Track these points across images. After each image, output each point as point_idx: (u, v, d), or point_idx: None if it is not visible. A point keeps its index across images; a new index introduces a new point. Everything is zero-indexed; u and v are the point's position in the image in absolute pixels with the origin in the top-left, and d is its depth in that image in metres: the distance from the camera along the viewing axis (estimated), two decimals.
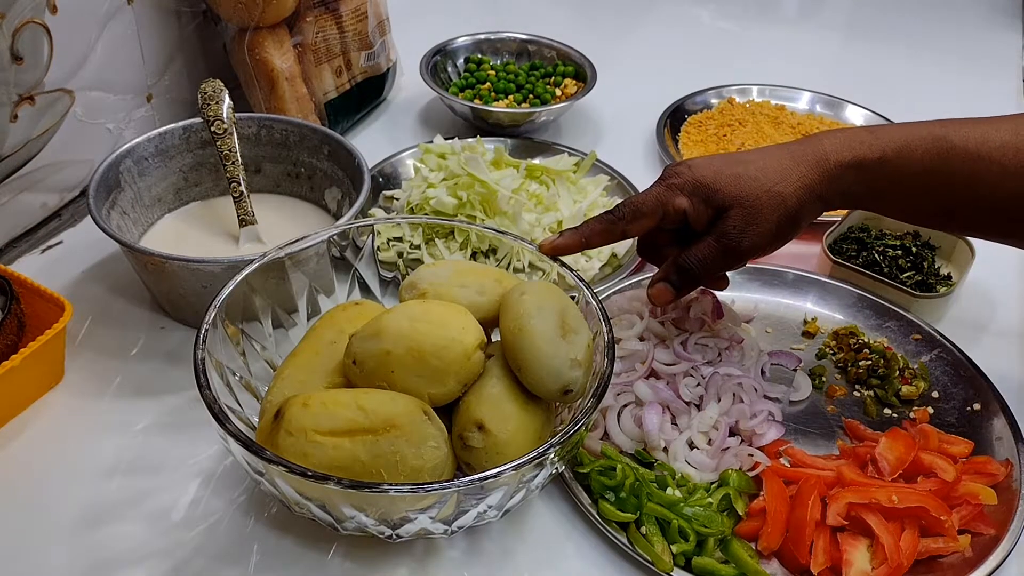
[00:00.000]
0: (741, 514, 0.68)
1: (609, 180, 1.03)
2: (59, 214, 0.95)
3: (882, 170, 0.71)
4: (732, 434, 0.74)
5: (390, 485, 0.55)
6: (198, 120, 0.89)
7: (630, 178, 1.03)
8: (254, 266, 0.70)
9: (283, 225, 0.90)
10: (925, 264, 0.91)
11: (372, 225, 0.77)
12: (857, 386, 0.81)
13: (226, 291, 0.67)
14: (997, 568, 0.65)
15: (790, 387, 0.80)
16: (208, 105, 0.86)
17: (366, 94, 1.15)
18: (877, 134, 0.72)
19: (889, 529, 0.65)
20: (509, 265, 0.86)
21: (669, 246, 0.78)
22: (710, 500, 0.68)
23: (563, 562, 0.67)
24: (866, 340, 0.84)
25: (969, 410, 0.78)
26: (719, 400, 0.75)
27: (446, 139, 1.03)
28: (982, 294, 0.93)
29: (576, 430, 0.60)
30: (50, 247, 0.92)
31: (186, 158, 0.91)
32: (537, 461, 0.58)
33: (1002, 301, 0.93)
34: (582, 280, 0.71)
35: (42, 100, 0.87)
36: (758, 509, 0.68)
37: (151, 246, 0.82)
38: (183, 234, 0.89)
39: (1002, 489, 0.70)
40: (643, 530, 0.66)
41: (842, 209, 0.76)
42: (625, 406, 0.75)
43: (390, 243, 0.92)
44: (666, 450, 0.72)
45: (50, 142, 0.90)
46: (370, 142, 1.13)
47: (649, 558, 0.64)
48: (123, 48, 0.96)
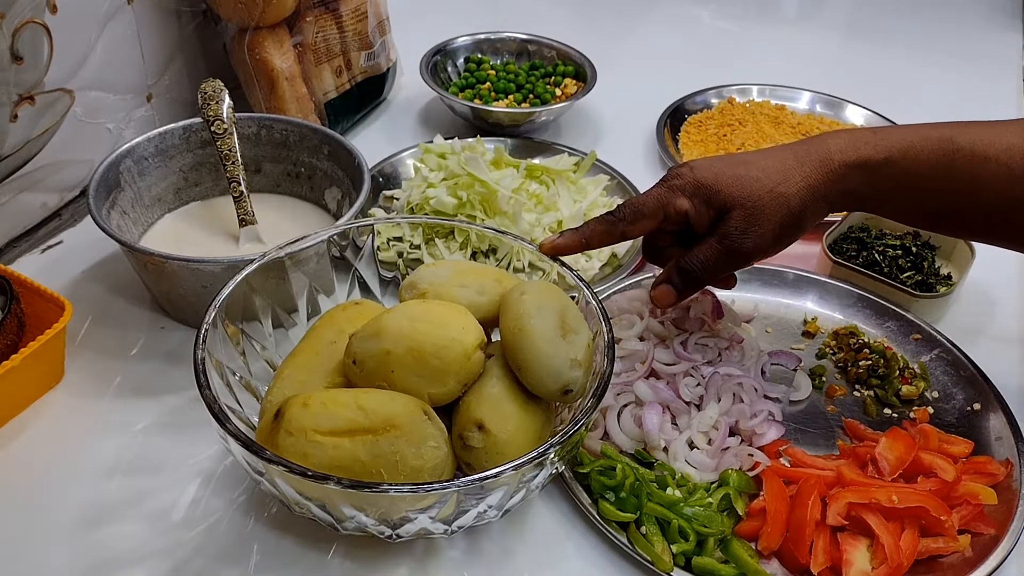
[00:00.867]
0: (741, 514, 0.68)
1: (609, 180, 1.03)
2: (59, 214, 0.95)
3: (887, 171, 0.71)
4: (732, 434, 0.74)
5: (390, 485, 0.55)
6: (198, 120, 0.89)
7: (630, 178, 1.03)
8: (254, 266, 0.70)
9: (283, 225, 0.90)
10: (925, 264, 0.91)
11: (372, 225, 0.77)
12: (857, 386, 0.81)
13: (226, 291, 0.67)
14: (997, 568, 0.65)
15: (790, 387, 0.80)
16: (208, 105, 0.86)
17: (366, 94, 1.15)
18: (882, 135, 0.72)
19: (889, 529, 0.65)
20: (509, 265, 0.86)
21: (672, 247, 0.78)
22: (710, 500, 0.68)
23: (563, 562, 0.67)
24: (866, 340, 0.84)
25: (969, 410, 0.78)
26: (719, 400, 0.75)
27: (446, 139, 1.03)
28: (982, 294, 0.93)
29: (576, 430, 0.60)
30: (50, 247, 0.92)
31: (186, 158, 0.91)
32: (537, 461, 0.58)
33: (1002, 301, 0.93)
34: (582, 280, 0.71)
35: (42, 100, 0.87)
36: (758, 509, 0.68)
37: (151, 246, 0.82)
38: (183, 234, 0.89)
39: (1002, 489, 0.70)
40: (643, 530, 0.66)
41: (846, 211, 0.76)
42: (625, 406, 0.75)
43: (390, 243, 0.92)
44: (666, 450, 0.72)
45: (50, 142, 0.90)
46: (370, 142, 1.13)
47: (649, 558, 0.64)
48: (123, 48, 0.96)
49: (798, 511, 0.66)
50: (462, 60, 1.23)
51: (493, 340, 0.69)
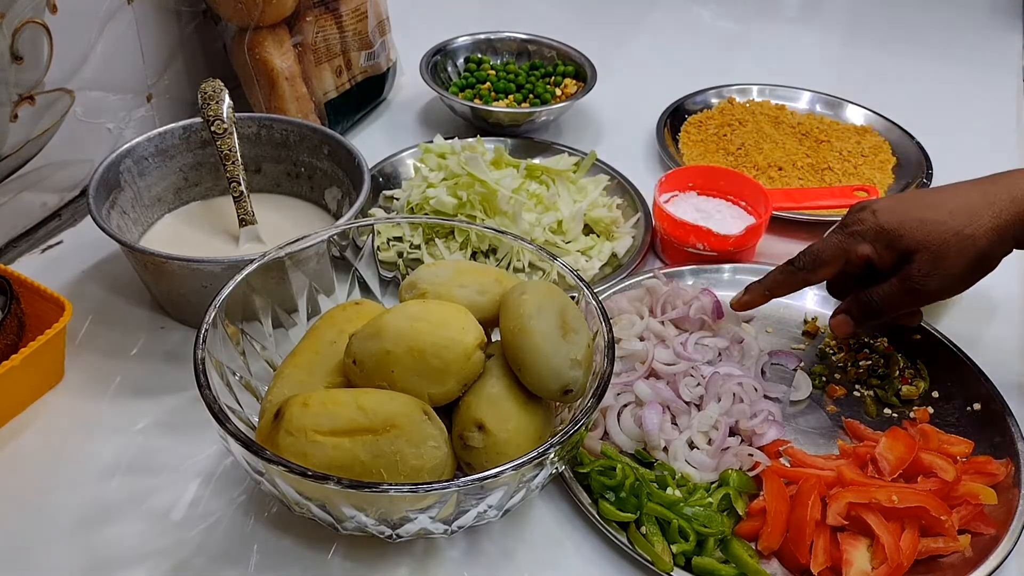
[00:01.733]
0: (741, 514, 0.68)
1: (609, 180, 1.03)
2: (59, 214, 0.95)
3: None
4: (732, 434, 0.74)
5: (390, 485, 0.55)
6: (198, 120, 0.89)
7: (630, 178, 1.03)
8: (254, 266, 0.70)
9: (283, 225, 0.90)
10: None
11: (372, 225, 0.77)
12: (857, 386, 0.81)
13: (226, 291, 0.67)
14: (997, 568, 0.65)
15: (790, 387, 0.80)
16: (208, 105, 0.86)
17: (366, 94, 1.15)
18: None
19: (889, 529, 0.65)
20: (509, 265, 0.86)
21: (855, 285, 0.78)
22: (710, 500, 0.68)
23: (563, 562, 0.67)
24: (866, 340, 0.84)
25: (969, 410, 0.78)
26: (719, 400, 0.75)
27: (446, 139, 1.03)
28: (982, 294, 0.92)
29: (576, 430, 0.60)
30: (50, 247, 0.92)
31: (186, 158, 0.91)
32: (537, 461, 0.58)
33: (1002, 301, 0.93)
34: (582, 280, 0.71)
35: (42, 100, 0.87)
36: (758, 509, 0.68)
37: (151, 246, 0.82)
38: (183, 234, 0.89)
39: (1002, 489, 0.70)
40: (643, 530, 0.66)
41: None
42: (625, 406, 0.75)
43: (390, 243, 0.92)
44: (666, 450, 0.72)
45: (50, 142, 0.90)
46: (370, 142, 1.13)
47: (649, 558, 0.64)
48: (123, 48, 0.96)
49: (798, 511, 0.66)
50: (462, 60, 1.23)
51: (493, 340, 0.69)
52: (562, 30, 1.26)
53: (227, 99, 0.87)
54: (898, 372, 0.81)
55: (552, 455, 0.59)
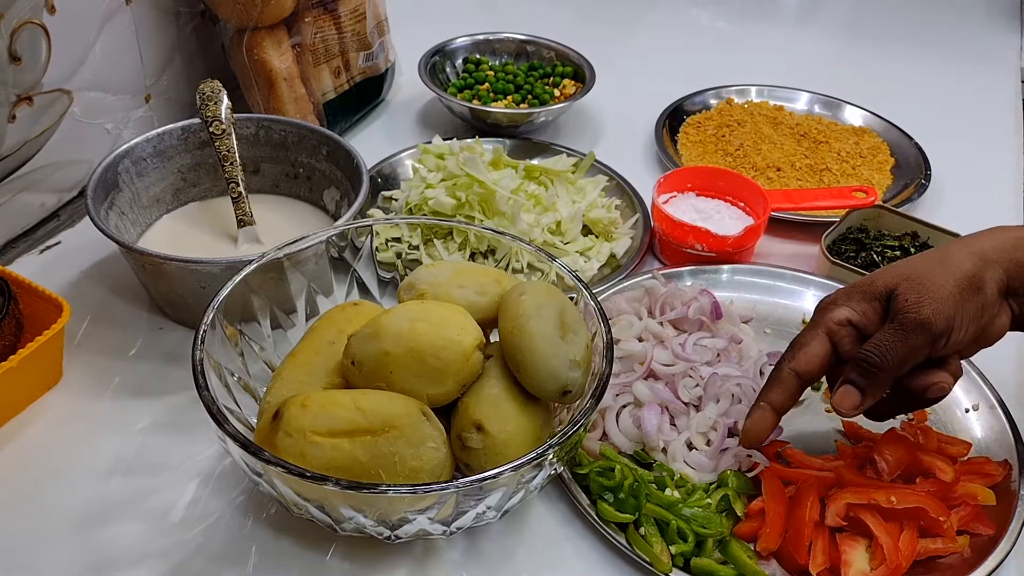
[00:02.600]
0: (740, 515, 0.68)
1: (608, 180, 1.03)
2: (57, 214, 0.95)
3: None
4: (731, 435, 0.74)
5: (389, 486, 0.55)
6: (196, 121, 0.89)
7: (629, 178, 1.03)
8: (253, 267, 0.70)
9: (281, 226, 0.90)
10: None
11: (371, 226, 0.77)
12: None
13: (224, 291, 0.67)
14: (996, 569, 0.65)
15: None
16: (206, 105, 0.86)
17: (365, 94, 1.15)
18: None
19: (888, 530, 0.65)
20: (508, 266, 0.86)
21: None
22: (709, 501, 0.68)
23: (562, 563, 0.67)
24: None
25: (967, 410, 0.78)
26: (718, 401, 0.75)
27: (445, 139, 1.03)
28: None
29: (575, 431, 0.60)
30: (48, 247, 0.92)
31: (184, 159, 0.91)
32: (536, 462, 0.58)
33: None
34: (581, 280, 0.71)
35: (40, 100, 0.87)
36: (757, 510, 0.68)
37: (149, 247, 0.82)
38: (181, 235, 0.89)
39: (1000, 490, 0.70)
40: (642, 531, 0.66)
41: None
42: (624, 407, 0.75)
43: (389, 244, 0.92)
44: (665, 451, 0.72)
45: (48, 142, 0.90)
46: (369, 143, 1.13)
47: (648, 559, 0.64)
48: (121, 48, 0.96)
49: (797, 512, 0.66)
50: (461, 60, 1.23)
51: (492, 341, 0.69)
52: (561, 31, 1.27)
53: (225, 100, 0.87)
54: None
55: (551, 456, 0.59)
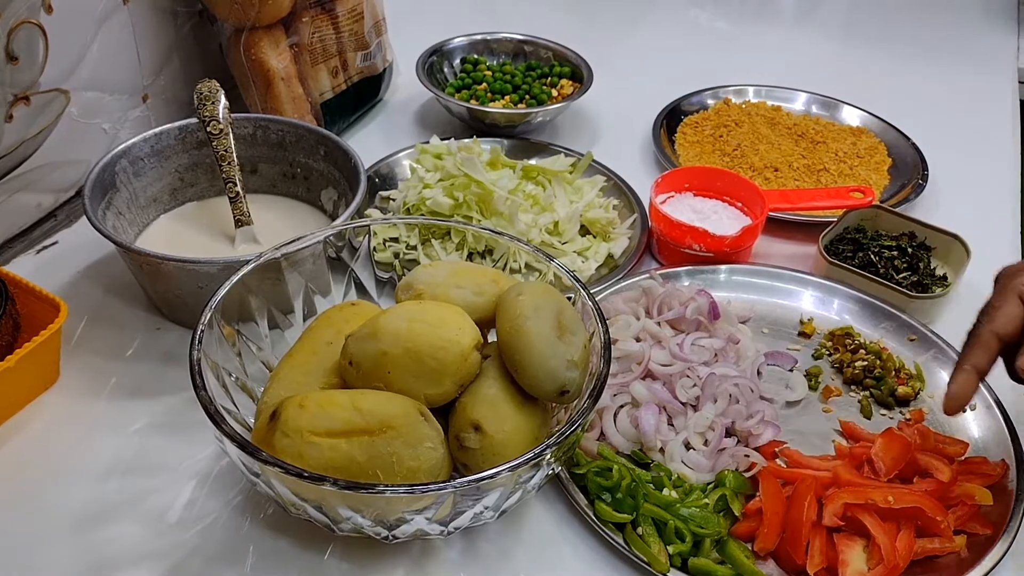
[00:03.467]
0: (737, 515, 0.68)
1: (605, 181, 1.03)
2: (55, 214, 0.95)
3: None
4: (728, 435, 0.74)
5: (386, 486, 0.55)
6: (194, 120, 0.88)
7: (627, 178, 1.03)
8: (250, 267, 0.70)
9: (279, 226, 0.90)
10: (921, 265, 0.92)
11: (368, 226, 0.77)
12: (853, 387, 0.81)
13: (222, 292, 0.67)
14: (993, 568, 0.65)
15: (786, 388, 0.80)
16: (204, 105, 0.86)
17: (362, 94, 1.15)
18: None
19: (885, 529, 0.65)
20: (505, 266, 0.86)
21: None
22: (706, 501, 0.68)
23: (560, 563, 0.67)
24: (862, 341, 0.84)
25: (965, 410, 0.78)
26: (715, 401, 0.76)
27: (442, 139, 1.03)
28: (978, 295, 0.92)
29: (572, 431, 0.60)
30: (45, 247, 0.92)
31: (182, 158, 0.91)
32: (533, 462, 0.58)
33: None
34: (579, 281, 0.71)
35: (38, 100, 0.87)
36: (754, 510, 0.68)
37: (147, 247, 0.82)
38: (179, 235, 0.89)
39: (998, 489, 0.70)
40: (639, 531, 0.66)
41: None
42: (622, 407, 0.75)
43: (386, 244, 0.91)
44: (662, 451, 0.72)
45: (45, 142, 0.90)
46: (366, 143, 1.12)
47: (645, 559, 0.64)
48: (119, 48, 0.96)
49: (794, 512, 0.67)
50: (458, 61, 1.23)
51: (490, 341, 0.69)
52: (558, 31, 1.27)
53: (223, 100, 0.87)
54: (894, 373, 0.81)
55: (548, 456, 0.59)
